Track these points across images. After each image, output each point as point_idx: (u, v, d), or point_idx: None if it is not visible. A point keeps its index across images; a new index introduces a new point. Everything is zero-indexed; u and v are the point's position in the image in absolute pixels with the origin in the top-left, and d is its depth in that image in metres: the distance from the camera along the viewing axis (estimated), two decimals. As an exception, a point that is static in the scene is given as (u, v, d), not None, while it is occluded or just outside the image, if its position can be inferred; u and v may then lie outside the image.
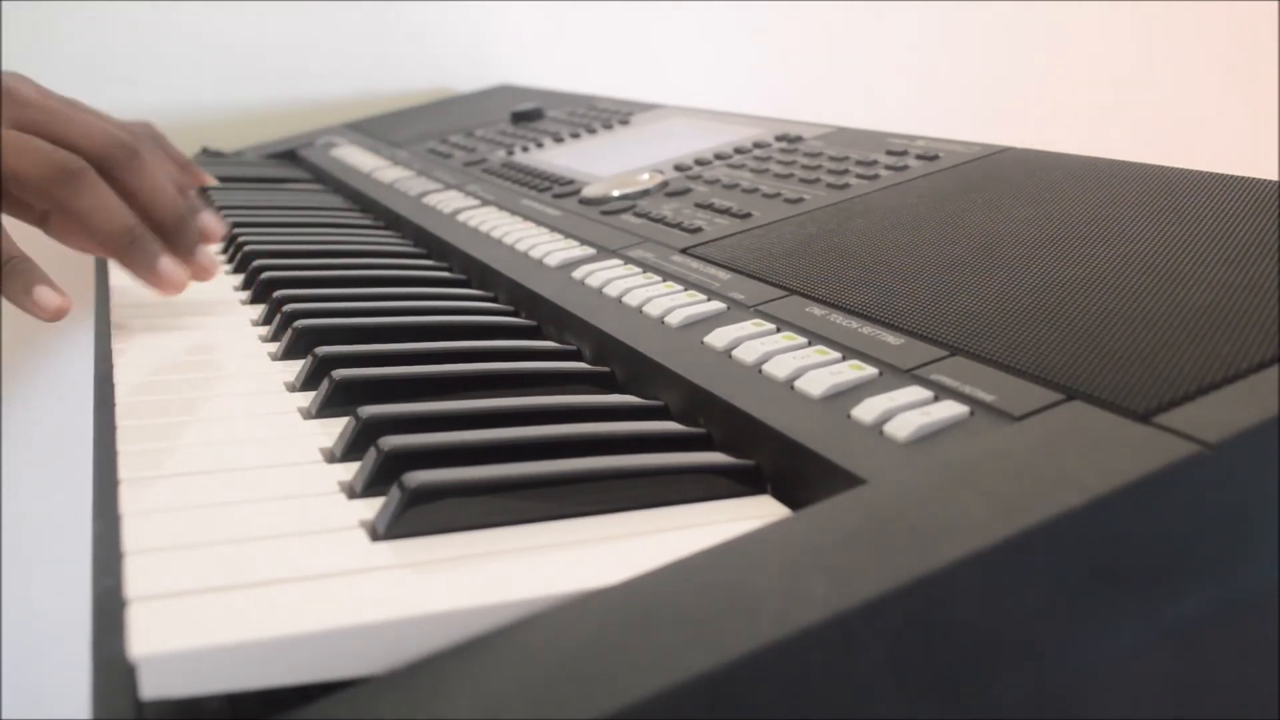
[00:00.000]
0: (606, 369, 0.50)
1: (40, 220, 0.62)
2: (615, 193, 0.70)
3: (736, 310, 0.49)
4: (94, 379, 0.50)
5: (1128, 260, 0.44)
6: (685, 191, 0.68)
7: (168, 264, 0.58)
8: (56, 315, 0.55)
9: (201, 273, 0.60)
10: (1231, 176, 0.50)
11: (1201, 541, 0.31)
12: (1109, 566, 0.30)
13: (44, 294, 0.55)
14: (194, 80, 1.15)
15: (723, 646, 0.26)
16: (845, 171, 0.65)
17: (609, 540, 0.35)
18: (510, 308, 0.60)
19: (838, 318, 0.45)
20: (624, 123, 0.93)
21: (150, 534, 0.33)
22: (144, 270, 0.57)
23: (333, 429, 0.42)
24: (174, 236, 0.59)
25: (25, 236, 0.64)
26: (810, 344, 0.44)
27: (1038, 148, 0.62)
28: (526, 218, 0.70)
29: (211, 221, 0.63)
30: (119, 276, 0.68)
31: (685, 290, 0.52)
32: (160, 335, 0.57)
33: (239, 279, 0.67)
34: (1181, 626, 0.31)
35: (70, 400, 1.06)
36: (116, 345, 0.54)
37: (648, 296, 0.52)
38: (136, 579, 0.30)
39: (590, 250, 0.61)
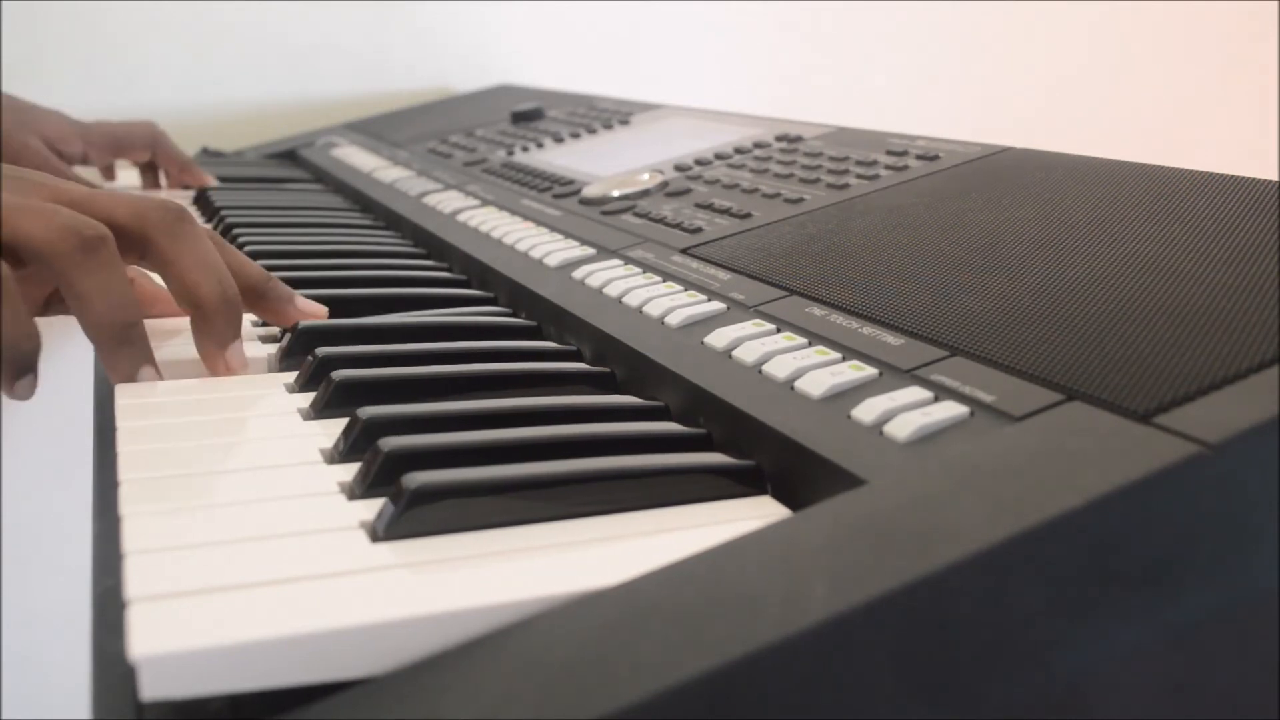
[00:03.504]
0: (606, 369, 0.50)
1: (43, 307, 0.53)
2: (615, 193, 0.70)
3: (736, 310, 0.49)
4: (94, 379, 0.50)
5: (1128, 260, 0.44)
6: (685, 191, 0.68)
7: (150, 371, 0.48)
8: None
9: (227, 369, 0.50)
10: (1231, 176, 0.50)
11: (1201, 541, 0.31)
12: (1109, 566, 0.30)
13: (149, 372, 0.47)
14: (194, 80, 1.15)
15: (723, 647, 0.26)
16: (845, 171, 0.65)
17: (609, 540, 0.35)
18: (510, 308, 0.60)
19: (838, 318, 0.45)
20: (624, 123, 0.93)
21: (150, 534, 0.33)
22: (120, 375, 0.47)
23: (333, 429, 0.42)
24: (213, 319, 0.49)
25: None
26: (810, 344, 0.44)
27: (1038, 148, 0.62)
28: (526, 218, 0.70)
29: (307, 305, 0.54)
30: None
31: (685, 290, 0.52)
32: (160, 335, 0.57)
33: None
34: (1181, 626, 0.31)
35: (70, 400, 1.06)
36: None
37: (648, 297, 0.52)
38: (136, 579, 0.30)
39: (590, 250, 0.61)
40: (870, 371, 0.40)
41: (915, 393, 0.38)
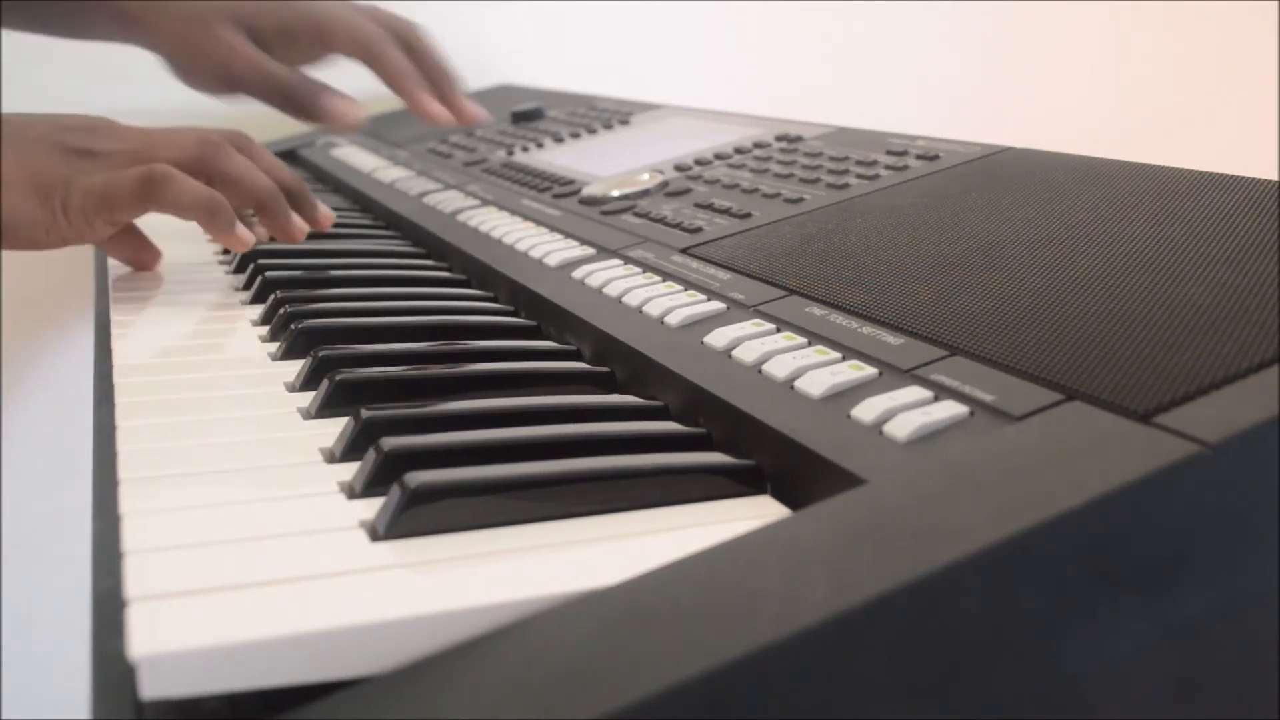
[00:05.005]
0: (606, 369, 0.50)
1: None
2: (615, 193, 0.70)
3: (736, 310, 0.49)
4: (94, 378, 0.50)
5: (1128, 260, 0.44)
6: (685, 191, 0.68)
7: (298, 219, 0.66)
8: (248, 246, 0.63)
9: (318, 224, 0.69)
10: (1231, 176, 0.50)
11: (1201, 541, 0.31)
12: (1109, 566, 0.30)
13: (244, 230, 0.62)
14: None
15: (723, 647, 0.26)
16: (845, 171, 0.65)
17: (609, 540, 0.35)
18: (510, 308, 0.60)
19: (838, 318, 0.45)
20: (624, 123, 0.93)
21: (150, 534, 0.33)
22: (280, 224, 0.65)
23: (333, 429, 0.42)
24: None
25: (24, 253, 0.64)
26: (810, 344, 0.44)
27: (1038, 148, 0.62)
28: (526, 218, 0.70)
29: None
30: (118, 277, 0.68)
31: (685, 290, 0.52)
32: (161, 335, 0.57)
33: (240, 279, 0.67)
34: (1181, 626, 0.31)
35: (70, 400, 1.06)
36: (116, 345, 0.54)
37: (648, 296, 0.52)
38: (136, 579, 0.30)
39: (590, 250, 0.61)
40: (870, 371, 0.40)
41: (915, 392, 0.38)
